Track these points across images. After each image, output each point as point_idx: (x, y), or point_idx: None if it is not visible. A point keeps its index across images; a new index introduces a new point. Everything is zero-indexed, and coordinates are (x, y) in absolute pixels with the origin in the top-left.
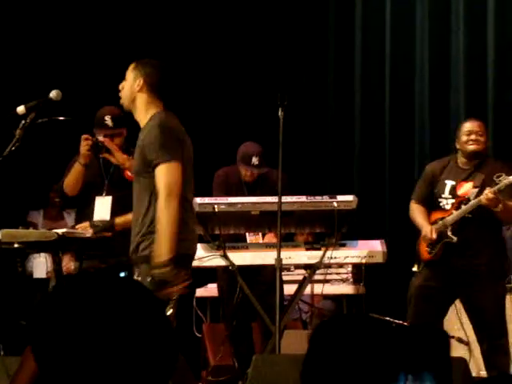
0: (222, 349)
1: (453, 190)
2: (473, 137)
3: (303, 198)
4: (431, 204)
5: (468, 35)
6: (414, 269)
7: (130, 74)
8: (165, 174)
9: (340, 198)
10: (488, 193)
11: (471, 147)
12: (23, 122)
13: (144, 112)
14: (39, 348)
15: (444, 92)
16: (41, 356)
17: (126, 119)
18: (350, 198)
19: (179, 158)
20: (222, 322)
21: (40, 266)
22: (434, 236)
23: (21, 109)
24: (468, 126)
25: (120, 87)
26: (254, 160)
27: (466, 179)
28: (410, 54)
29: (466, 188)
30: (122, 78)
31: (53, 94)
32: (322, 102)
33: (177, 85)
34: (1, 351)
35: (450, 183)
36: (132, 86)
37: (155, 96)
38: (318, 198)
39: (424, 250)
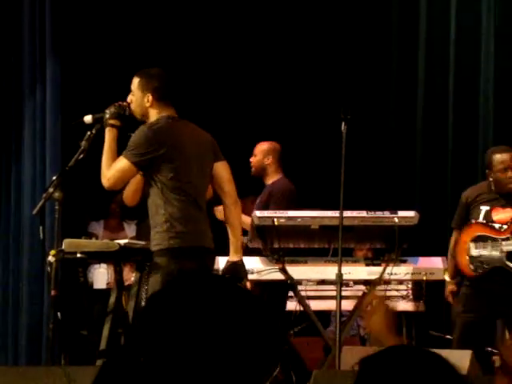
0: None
1: (487, 216)
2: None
3: (364, 213)
4: None
5: None
6: (446, 277)
7: (137, 90)
8: (114, 165)
9: (401, 213)
10: None
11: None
12: (89, 133)
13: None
14: (147, 351)
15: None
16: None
17: None
18: (411, 213)
19: (136, 160)
20: None
21: (100, 276)
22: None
23: (88, 118)
24: (504, 157)
25: (129, 100)
26: None
27: (503, 206)
28: (475, 69)
29: (506, 214)
30: None
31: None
32: (383, 117)
33: (240, 98)
34: (62, 360)
35: (484, 208)
36: (142, 103)
37: (165, 104)
38: (379, 214)
39: (467, 267)
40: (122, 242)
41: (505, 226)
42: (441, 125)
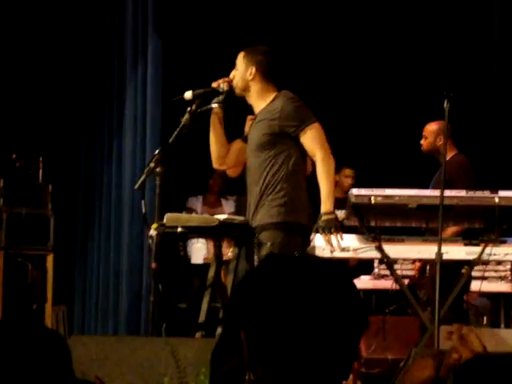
0: (375, 341)
1: None
2: None
3: (463, 193)
4: None
5: None
6: None
7: (241, 62)
8: (315, 136)
9: (502, 193)
10: None
11: None
12: (189, 109)
13: (259, 98)
14: (250, 326)
15: None
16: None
17: None
18: None
19: (317, 120)
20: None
21: (197, 251)
22: None
23: (188, 95)
24: None
25: (231, 76)
26: None
27: None
28: None
29: None
30: None
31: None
32: (485, 93)
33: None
34: (163, 332)
35: None
36: (244, 75)
37: (268, 81)
38: (479, 193)
39: None
40: (222, 217)
41: None
42: None
